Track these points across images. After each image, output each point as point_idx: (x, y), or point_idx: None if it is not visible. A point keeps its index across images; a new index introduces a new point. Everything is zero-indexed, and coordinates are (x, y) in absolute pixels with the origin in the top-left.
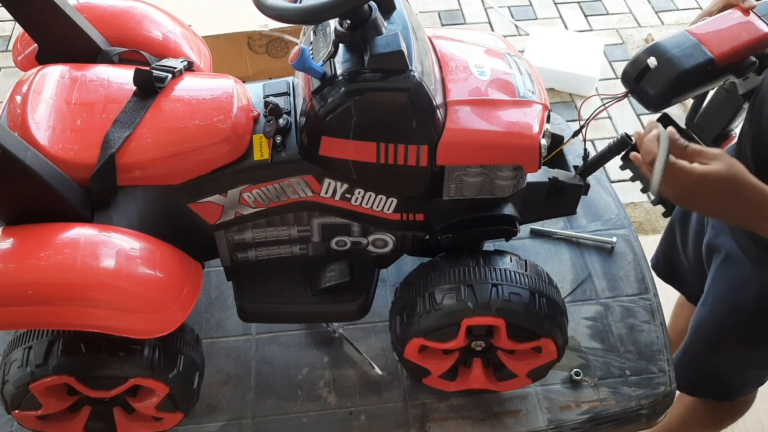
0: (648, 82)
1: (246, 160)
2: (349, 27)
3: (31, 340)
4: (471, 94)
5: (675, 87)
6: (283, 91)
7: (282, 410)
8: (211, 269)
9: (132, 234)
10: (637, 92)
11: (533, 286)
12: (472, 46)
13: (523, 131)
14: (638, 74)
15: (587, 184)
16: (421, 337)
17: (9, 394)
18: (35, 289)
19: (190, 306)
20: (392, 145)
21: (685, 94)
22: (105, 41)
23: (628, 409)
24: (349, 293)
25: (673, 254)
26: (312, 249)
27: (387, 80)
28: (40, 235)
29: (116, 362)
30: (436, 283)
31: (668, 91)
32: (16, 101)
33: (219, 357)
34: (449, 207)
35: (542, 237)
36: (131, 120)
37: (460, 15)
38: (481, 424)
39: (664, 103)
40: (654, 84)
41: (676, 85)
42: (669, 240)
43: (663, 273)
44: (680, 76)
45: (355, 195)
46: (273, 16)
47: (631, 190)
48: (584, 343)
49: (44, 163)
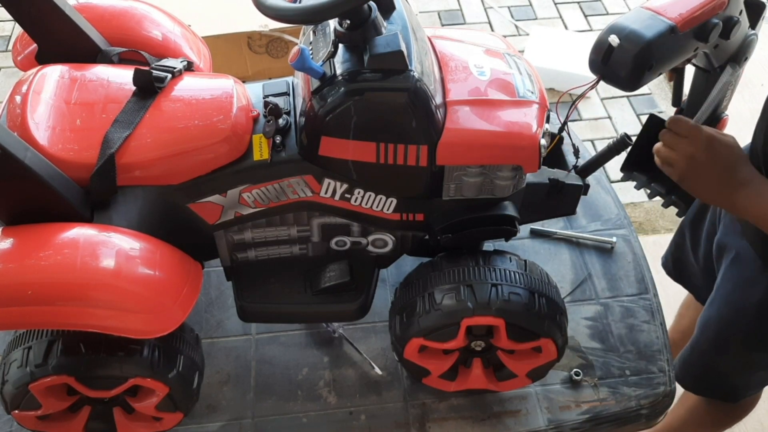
0: (615, 62)
1: (246, 160)
2: (349, 27)
3: (31, 340)
4: (471, 94)
5: (643, 60)
6: (283, 91)
7: (282, 410)
8: (211, 269)
9: (132, 234)
10: (607, 75)
11: (533, 286)
12: (472, 46)
13: (523, 131)
14: (603, 56)
15: (587, 184)
16: (420, 337)
17: (9, 394)
18: (35, 289)
19: (190, 306)
20: (392, 145)
21: (657, 68)
22: (105, 41)
23: (627, 409)
24: (348, 293)
25: (683, 256)
26: (312, 249)
27: (387, 80)
28: (39, 235)
29: (116, 362)
30: (436, 283)
31: (638, 67)
32: (16, 101)
33: (219, 357)
34: (449, 207)
35: (542, 237)
36: (131, 120)
37: (460, 15)
38: (481, 424)
39: (637, 79)
40: (621, 62)
41: (643, 58)
42: (678, 242)
43: (673, 273)
44: (645, 48)
45: (354, 195)
46: (273, 16)
47: (631, 190)
48: (584, 343)
49: (44, 163)
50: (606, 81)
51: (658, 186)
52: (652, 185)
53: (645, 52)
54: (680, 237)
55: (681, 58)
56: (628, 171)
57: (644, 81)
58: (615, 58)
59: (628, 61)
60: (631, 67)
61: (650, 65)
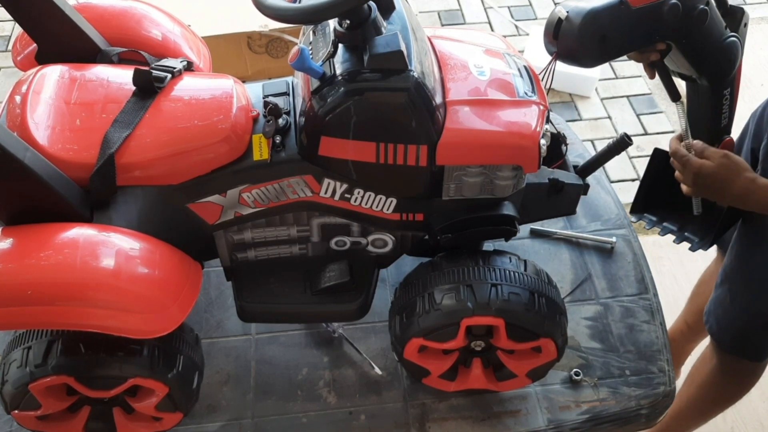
0: (564, 34)
1: (245, 160)
2: (349, 27)
3: (31, 340)
4: (470, 94)
5: (591, 29)
6: (283, 91)
7: (282, 410)
8: (211, 269)
9: (131, 234)
10: (561, 51)
11: (533, 286)
12: (472, 46)
13: (523, 131)
14: (554, 31)
15: (587, 184)
16: (420, 337)
17: (8, 394)
18: (35, 289)
19: (190, 306)
20: (392, 145)
21: (613, 43)
22: (104, 41)
23: (627, 409)
24: (348, 293)
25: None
26: (311, 249)
27: (386, 80)
28: (39, 235)
29: (116, 362)
30: (436, 283)
31: (586, 36)
32: (16, 101)
33: (219, 357)
34: (449, 207)
35: (542, 237)
36: (130, 120)
37: (460, 15)
38: (481, 424)
39: (590, 51)
40: (570, 32)
41: (590, 26)
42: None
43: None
44: (591, 15)
45: (354, 195)
46: (272, 16)
47: (631, 190)
48: (584, 343)
49: (43, 163)
50: (562, 59)
51: (670, 224)
52: (664, 224)
53: (591, 19)
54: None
55: (641, 38)
56: (639, 213)
57: (603, 56)
58: (563, 31)
59: (574, 30)
60: (578, 36)
61: (601, 35)
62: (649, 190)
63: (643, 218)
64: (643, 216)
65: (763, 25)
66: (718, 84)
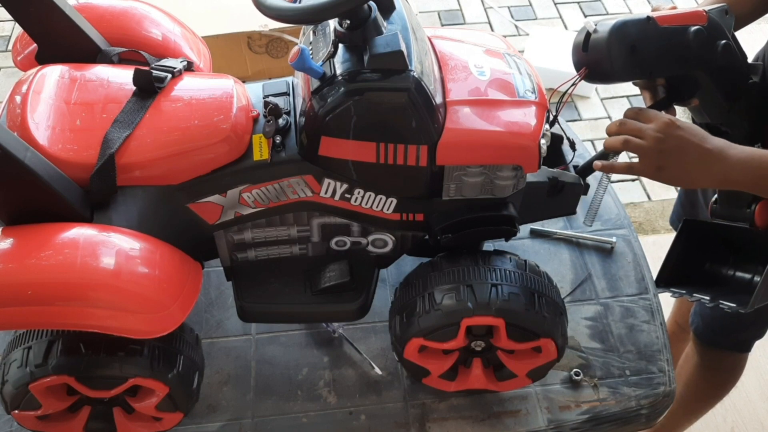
0: (594, 46)
1: (245, 160)
2: (349, 27)
3: (31, 340)
4: (470, 94)
5: (619, 39)
6: (283, 91)
7: (282, 410)
8: (211, 269)
9: (131, 234)
10: (591, 64)
11: (533, 286)
12: (472, 46)
13: (523, 131)
14: (583, 43)
15: (587, 184)
16: (420, 337)
17: (8, 394)
18: (35, 289)
19: (190, 306)
20: (392, 145)
21: (641, 57)
22: (104, 41)
23: (627, 409)
24: (348, 293)
25: (694, 198)
26: (312, 249)
27: (386, 80)
28: (39, 235)
29: (116, 362)
30: (436, 283)
31: (616, 46)
32: (16, 101)
33: (219, 357)
34: (449, 207)
35: (542, 237)
36: (131, 120)
37: (460, 15)
38: (481, 424)
39: (621, 62)
40: (599, 42)
41: (619, 36)
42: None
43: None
44: (620, 27)
45: (354, 195)
46: (273, 16)
47: (631, 191)
48: (584, 343)
49: (44, 163)
50: (592, 72)
51: (701, 294)
52: (694, 295)
53: (619, 29)
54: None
55: (673, 62)
56: (665, 287)
57: (634, 69)
58: (593, 42)
59: (603, 40)
60: (607, 45)
61: (630, 45)
62: (677, 263)
63: (669, 291)
64: (670, 289)
65: (763, 24)
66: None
